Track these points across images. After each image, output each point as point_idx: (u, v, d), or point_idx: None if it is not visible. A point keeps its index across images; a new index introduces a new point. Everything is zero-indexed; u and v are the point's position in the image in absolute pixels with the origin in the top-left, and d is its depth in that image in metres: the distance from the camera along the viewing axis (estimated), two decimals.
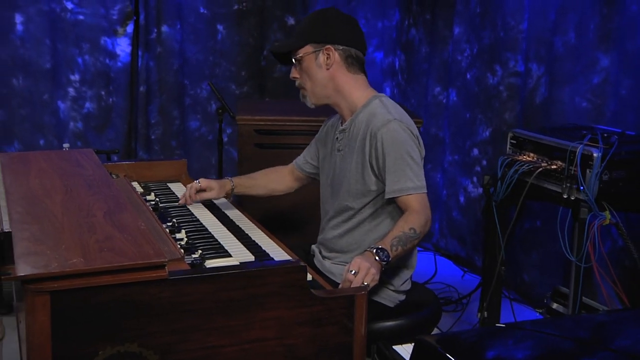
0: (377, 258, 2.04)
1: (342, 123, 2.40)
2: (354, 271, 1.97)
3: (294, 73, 2.38)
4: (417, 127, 2.35)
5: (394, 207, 2.29)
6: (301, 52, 2.32)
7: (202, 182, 2.61)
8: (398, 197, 2.21)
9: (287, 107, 3.74)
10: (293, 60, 2.36)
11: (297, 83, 2.40)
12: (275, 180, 2.71)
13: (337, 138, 2.40)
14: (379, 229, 2.32)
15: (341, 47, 2.30)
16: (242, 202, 3.33)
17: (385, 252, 2.06)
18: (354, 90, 2.34)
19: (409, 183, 2.19)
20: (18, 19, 4.08)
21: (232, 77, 4.54)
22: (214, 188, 2.61)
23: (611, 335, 1.56)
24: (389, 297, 2.33)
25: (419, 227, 2.16)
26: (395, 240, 2.12)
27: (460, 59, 4.22)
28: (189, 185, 2.62)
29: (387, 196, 2.22)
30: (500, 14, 3.85)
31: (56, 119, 4.25)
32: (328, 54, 2.30)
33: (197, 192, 2.60)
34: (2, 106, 4.15)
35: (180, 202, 2.59)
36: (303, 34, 2.34)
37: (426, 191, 2.24)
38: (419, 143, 2.28)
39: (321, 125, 2.59)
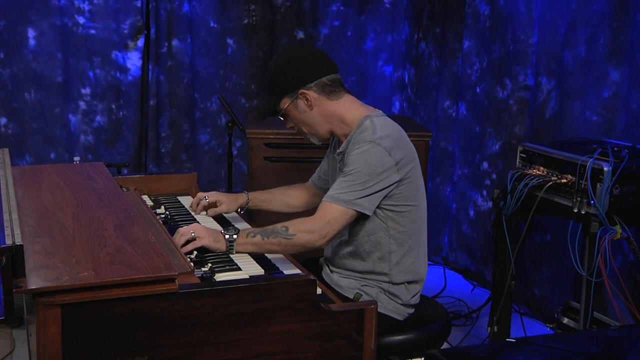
0: (224, 233, 2.19)
1: (339, 145, 2.39)
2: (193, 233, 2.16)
3: (288, 123, 2.42)
4: (426, 140, 2.33)
5: (389, 225, 2.27)
6: (282, 107, 2.34)
7: (211, 197, 2.62)
8: (324, 201, 2.20)
9: None
10: (280, 116, 2.38)
11: (296, 130, 2.43)
12: (292, 195, 2.70)
13: (336, 158, 2.42)
14: (379, 248, 2.29)
15: (312, 84, 2.30)
16: (252, 215, 3.33)
17: (236, 230, 2.19)
18: (344, 114, 2.33)
19: (343, 196, 2.17)
20: (31, 33, 4.11)
21: (242, 90, 4.55)
22: (223, 202, 2.62)
23: (623, 351, 1.55)
24: (398, 311, 2.32)
25: (298, 230, 2.15)
26: (258, 230, 2.19)
27: (470, 72, 4.23)
28: (196, 198, 2.65)
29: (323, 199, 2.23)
30: (510, 27, 3.86)
31: (67, 132, 4.27)
32: (305, 98, 2.30)
33: (204, 207, 2.62)
34: (14, 119, 4.18)
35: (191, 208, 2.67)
36: (275, 91, 2.34)
37: (355, 211, 2.17)
38: (396, 168, 2.20)
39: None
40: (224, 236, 2.19)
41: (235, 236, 2.19)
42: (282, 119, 2.40)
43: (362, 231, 2.30)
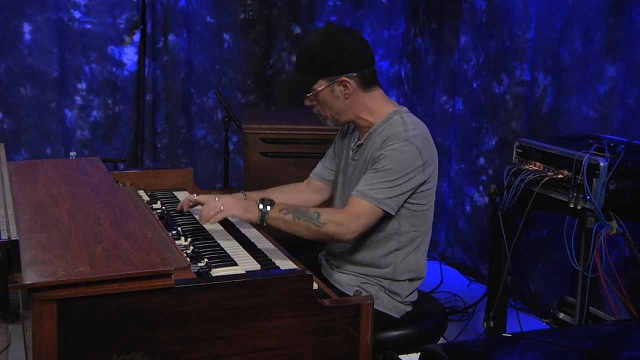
0: (259, 203, 2.16)
1: (359, 137, 2.36)
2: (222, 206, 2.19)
3: (310, 102, 2.30)
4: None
5: (401, 223, 2.26)
6: (316, 88, 2.24)
7: (200, 198, 2.48)
8: (354, 195, 2.17)
9: (293, 116, 3.75)
10: (306, 94, 2.27)
11: (314, 110, 2.33)
12: (290, 194, 2.59)
13: (352, 148, 2.38)
14: (387, 244, 2.28)
15: (355, 74, 2.24)
16: None
17: (272, 203, 2.16)
18: (374, 107, 2.29)
19: (373, 193, 2.15)
20: (26, 28, 4.10)
21: (239, 85, 4.55)
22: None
23: (618, 345, 1.56)
24: (396, 309, 2.32)
25: (328, 220, 2.13)
26: (291, 209, 2.16)
27: (466, 68, 4.23)
28: (185, 199, 2.52)
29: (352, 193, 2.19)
30: (507, 23, 3.86)
31: (63, 128, 4.26)
32: (345, 85, 2.23)
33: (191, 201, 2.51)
34: (10, 115, 4.17)
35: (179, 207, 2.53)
36: (313, 69, 2.23)
37: (382, 210, 2.16)
38: (422, 169, 2.22)
39: (332, 133, 2.56)
40: (258, 206, 2.17)
41: (268, 207, 2.16)
42: (306, 96, 2.28)
43: (372, 226, 2.26)
